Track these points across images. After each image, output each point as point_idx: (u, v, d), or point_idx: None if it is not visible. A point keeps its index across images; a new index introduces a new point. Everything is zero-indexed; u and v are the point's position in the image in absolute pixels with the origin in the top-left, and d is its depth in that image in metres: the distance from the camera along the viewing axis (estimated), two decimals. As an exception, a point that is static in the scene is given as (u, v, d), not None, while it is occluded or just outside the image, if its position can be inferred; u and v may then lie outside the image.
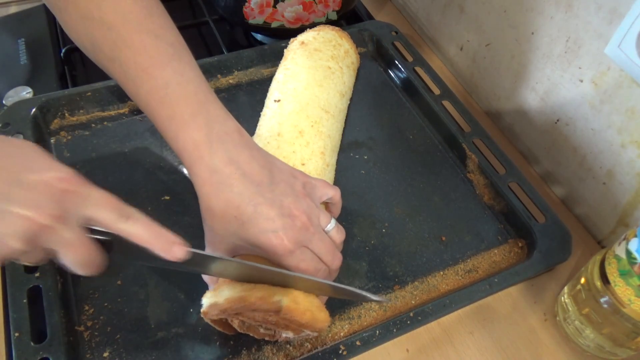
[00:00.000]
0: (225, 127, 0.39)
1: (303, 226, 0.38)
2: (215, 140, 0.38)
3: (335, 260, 0.41)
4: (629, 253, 0.38)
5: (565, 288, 0.47)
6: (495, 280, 0.47)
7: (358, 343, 0.42)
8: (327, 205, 0.45)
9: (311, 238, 0.39)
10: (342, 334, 0.44)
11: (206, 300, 0.38)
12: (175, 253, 0.34)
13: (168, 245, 0.34)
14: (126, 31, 0.38)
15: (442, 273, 0.49)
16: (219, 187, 0.37)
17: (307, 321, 0.37)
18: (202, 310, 0.38)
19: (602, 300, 0.41)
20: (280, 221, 0.37)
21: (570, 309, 0.45)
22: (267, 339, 0.41)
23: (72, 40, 0.41)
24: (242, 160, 0.38)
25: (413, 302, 0.47)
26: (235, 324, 0.39)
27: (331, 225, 0.41)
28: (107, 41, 0.38)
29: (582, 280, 0.44)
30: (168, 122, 0.38)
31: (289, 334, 0.39)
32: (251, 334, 0.41)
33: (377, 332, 0.43)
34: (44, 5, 0.74)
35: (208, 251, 0.40)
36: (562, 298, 0.47)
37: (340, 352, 0.41)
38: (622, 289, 0.39)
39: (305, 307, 0.37)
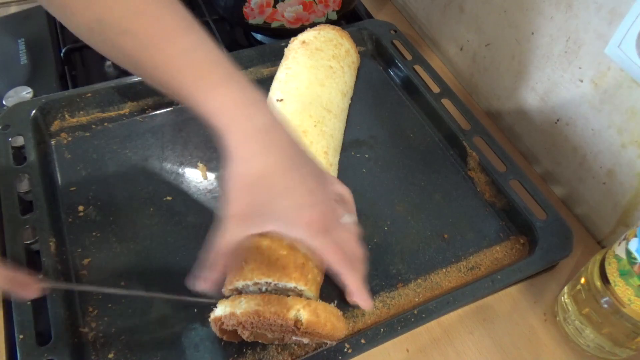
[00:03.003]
0: (258, 94, 0.37)
1: (330, 211, 0.38)
2: (252, 102, 0.36)
3: (357, 249, 0.40)
4: (629, 253, 0.39)
5: (565, 288, 0.47)
6: (498, 277, 0.47)
7: (363, 341, 0.42)
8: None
9: (336, 225, 0.38)
10: (346, 332, 0.44)
11: (222, 309, 0.38)
12: (28, 295, 0.33)
13: (20, 288, 0.33)
14: (139, 1, 0.36)
15: (444, 270, 0.49)
16: (256, 152, 0.35)
17: (328, 332, 0.37)
18: (214, 316, 0.38)
19: (602, 300, 0.41)
20: (311, 198, 0.36)
21: (570, 309, 0.45)
22: (276, 342, 0.41)
23: (73, 24, 0.38)
24: (278, 128, 0.36)
25: (416, 299, 0.47)
26: (245, 335, 0.38)
27: (347, 218, 0.40)
28: (117, 14, 0.36)
29: (582, 280, 0.44)
30: (197, 83, 0.36)
31: (304, 339, 0.39)
32: (260, 341, 0.41)
33: (382, 329, 0.43)
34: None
35: (224, 226, 0.37)
36: (562, 298, 0.47)
37: (345, 350, 0.42)
38: (622, 289, 0.39)
39: (326, 318, 0.37)
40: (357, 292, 0.39)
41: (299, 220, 0.36)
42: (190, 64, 0.36)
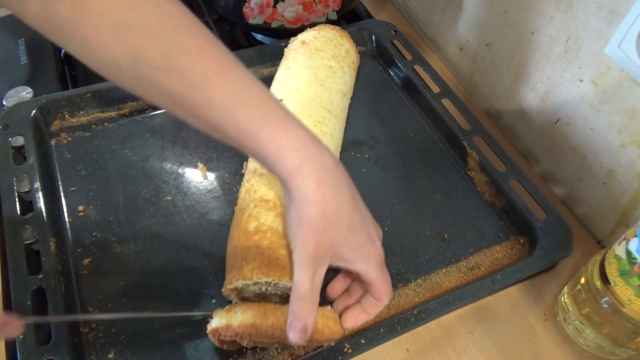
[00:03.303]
0: (312, 132, 0.37)
1: (380, 237, 0.40)
2: (314, 141, 0.35)
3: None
4: (629, 253, 0.39)
5: (565, 288, 0.47)
6: (498, 276, 0.47)
7: (363, 341, 0.42)
8: None
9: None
10: (346, 332, 0.44)
11: (218, 320, 0.38)
12: (11, 334, 0.33)
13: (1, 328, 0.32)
14: (180, 35, 0.34)
15: (444, 270, 0.49)
16: (334, 188, 0.35)
17: (326, 338, 0.37)
18: (210, 328, 0.38)
19: (602, 300, 0.41)
20: (372, 235, 0.38)
21: (570, 309, 0.45)
22: (276, 344, 0.41)
23: (95, 59, 0.34)
24: (340, 167, 0.37)
25: (416, 299, 0.47)
26: (244, 342, 0.38)
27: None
28: (158, 50, 0.33)
29: (582, 280, 0.44)
30: (260, 123, 0.34)
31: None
32: (260, 345, 0.41)
33: (382, 329, 0.43)
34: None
35: (302, 270, 0.36)
36: (562, 298, 0.47)
37: (345, 350, 0.42)
38: (622, 289, 0.39)
39: (323, 324, 0.37)
40: (371, 316, 0.40)
41: (367, 256, 0.37)
42: (250, 101, 0.34)
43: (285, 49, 0.62)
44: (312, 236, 0.35)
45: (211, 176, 0.54)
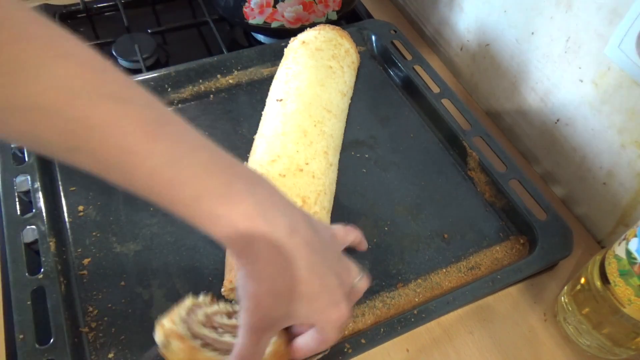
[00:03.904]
0: (266, 185, 0.32)
1: (346, 296, 0.34)
2: (269, 206, 0.31)
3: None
4: (629, 253, 0.39)
5: (565, 288, 0.47)
6: (498, 277, 0.47)
7: (363, 341, 0.42)
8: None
9: (352, 301, 0.36)
10: (346, 332, 0.44)
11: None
12: None
13: None
14: (80, 108, 0.27)
15: (444, 270, 0.49)
16: (284, 266, 0.31)
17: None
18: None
19: (602, 300, 0.41)
20: (340, 291, 0.34)
21: (570, 309, 0.45)
22: None
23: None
24: (299, 223, 0.32)
25: (416, 299, 0.47)
26: None
27: (358, 279, 0.37)
28: (56, 130, 0.27)
29: (582, 280, 0.44)
30: (194, 204, 0.29)
31: None
32: None
33: (382, 329, 0.43)
34: (44, 5, 0.74)
35: (243, 329, 0.32)
36: (562, 298, 0.47)
37: (345, 350, 0.42)
38: (622, 289, 0.39)
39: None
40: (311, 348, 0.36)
41: (329, 319, 0.33)
42: (176, 179, 0.29)
43: (285, 49, 0.62)
44: (256, 311, 0.32)
45: (211, 176, 0.54)
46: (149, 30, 0.74)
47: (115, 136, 0.28)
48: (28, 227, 0.46)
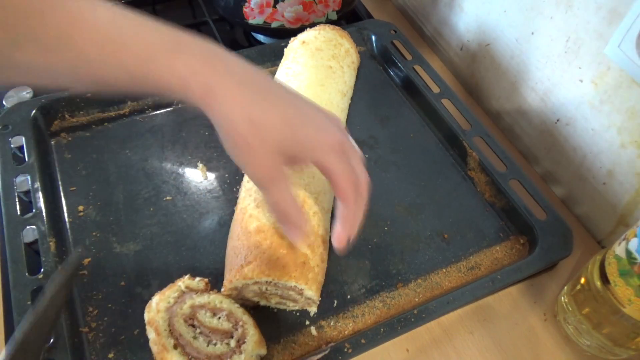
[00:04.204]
0: (212, 43, 0.33)
1: (345, 135, 0.37)
2: (220, 51, 0.32)
3: (366, 175, 0.38)
4: (629, 253, 0.39)
5: (565, 288, 0.47)
6: (498, 276, 0.47)
7: (363, 341, 0.42)
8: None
9: (351, 150, 0.37)
10: (346, 332, 0.44)
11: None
12: None
13: None
14: None
15: (444, 270, 0.49)
16: (253, 94, 0.32)
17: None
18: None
19: (602, 300, 0.41)
20: (325, 119, 0.35)
21: (570, 309, 0.45)
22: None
23: None
24: (257, 68, 0.34)
25: (416, 299, 0.47)
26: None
27: (351, 138, 0.39)
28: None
29: (582, 280, 0.44)
30: (148, 60, 0.31)
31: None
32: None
33: (382, 329, 0.43)
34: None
35: (263, 178, 0.34)
36: (562, 298, 0.47)
37: (345, 350, 0.42)
38: (622, 289, 0.39)
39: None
40: (345, 224, 0.37)
41: (320, 142, 0.34)
42: (124, 39, 0.30)
43: (285, 49, 0.62)
44: (252, 157, 0.33)
45: (211, 176, 0.54)
46: (149, 30, 0.74)
47: (51, 17, 0.28)
48: (28, 227, 0.47)
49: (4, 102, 0.59)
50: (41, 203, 0.48)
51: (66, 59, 0.30)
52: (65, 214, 0.50)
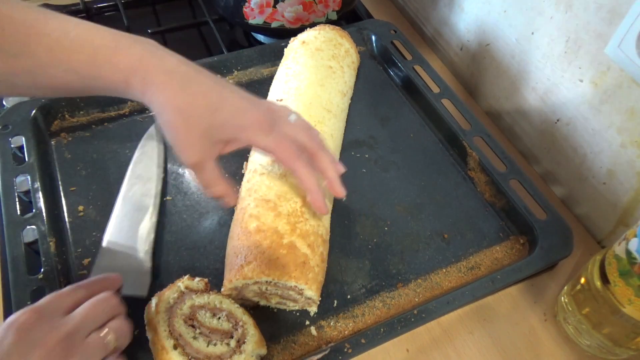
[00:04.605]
0: (151, 42, 0.38)
1: (268, 109, 0.40)
2: (155, 50, 0.37)
3: (314, 135, 0.42)
4: (629, 253, 0.39)
5: (565, 288, 0.47)
6: (498, 276, 0.47)
7: (363, 341, 0.42)
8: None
9: (280, 120, 0.40)
10: (346, 332, 0.44)
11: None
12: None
13: None
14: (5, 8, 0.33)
15: (444, 270, 0.49)
16: (180, 84, 0.36)
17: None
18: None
19: (602, 300, 0.41)
20: (248, 102, 0.39)
21: (570, 309, 0.45)
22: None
23: None
24: (190, 62, 0.38)
25: (416, 299, 0.47)
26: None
27: (294, 116, 0.42)
28: None
29: (582, 280, 0.44)
30: (94, 62, 0.35)
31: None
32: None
33: (382, 329, 0.43)
34: (44, 5, 0.74)
35: (191, 163, 0.39)
36: (562, 298, 0.47)
37: (345, 350, 0.42)
38: (622, 289, 0.39)
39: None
40: (310, 191, 0.41)
41: (244, 122, 0.38)
42: (74, 45, 0.35)
43: (285, 49, 0.62)
44: (180, 141, 0.37)
45: (211, 176, 0.54)
46: (149, 30, 0.74)
47: (9, 27, 0.33)
48: (28, 227, 0.47)
49: (4, 102, 0.59)
50: (41, 203, 0.48)
51: (24, 65, 0.34)
52: (65, 214, 0.50)
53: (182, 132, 0.37)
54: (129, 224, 0.47)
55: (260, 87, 0.63)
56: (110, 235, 0.46)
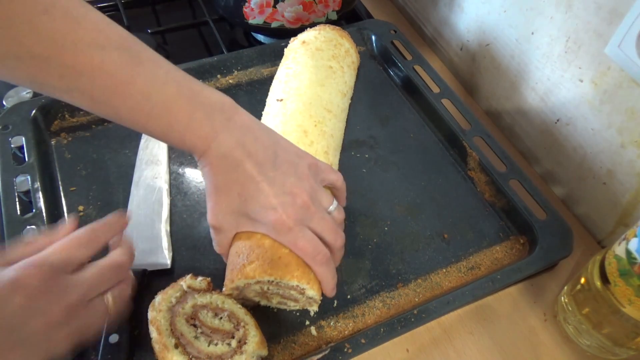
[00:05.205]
0: (225, 114, 0.40)
1: (303, 205, 0.40)
2: (220, 129, 0.39)
3: (338, 238, 0.42)
4: (629, 253, 0.39)
5: (565, 288, 0.47)
6: (498, 276, 0.47)
7: (363, 341, 0.42)
8: (332, 191, 0.46)
9: (312, 217, 0.40)
10: (346, 332, 0.44)
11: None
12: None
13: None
14: (69, 57, 0.34)
15: (444, 270, 0.49)
16: (227, 170, 0.39)
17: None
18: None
19: (602, 300, 0.41)
20: (279, 199, 0.39)
21: (570, 309, 0.45)
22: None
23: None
24: (247, 142, 0.40)
25: (416, 299, 0.47)
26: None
27: (333, 206, 0.43)
28: (51, 75, 0.34)
29: (582, 280, 0.44)
30: (168, 131, 0.38)
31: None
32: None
33: (382, 329, 0.43)
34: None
35: (211, 225, 0.42)
36: (562, 298, 0.47)
37: (345, 350, 0.42)
38: (622, 289, 0.39)
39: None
40: (325, 290, 0.42)
41: (266, 220, 0.40)
42: (152, 113, 0.37)
43: (285, 49, 0.62)
44: (210, 206, 0.41)
45: (211, 176, 0.54)
46: (149, 30, 0.74)
47: (99, 79, 0.35)
48: (28, 227, 0.46)
49: (4, 102, 0.59)
50: (41, 203, 0.48)
51: (107, 112, 0.37)
52: (65, 214, 0.50)
53: (213, 203, 0.40)
54: (145, 205, 0.50)
55: (260, 87, 0.63)
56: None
